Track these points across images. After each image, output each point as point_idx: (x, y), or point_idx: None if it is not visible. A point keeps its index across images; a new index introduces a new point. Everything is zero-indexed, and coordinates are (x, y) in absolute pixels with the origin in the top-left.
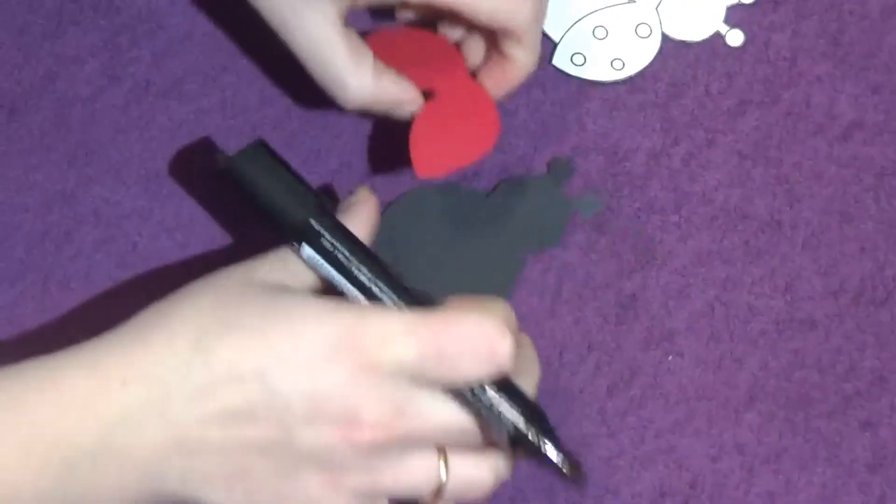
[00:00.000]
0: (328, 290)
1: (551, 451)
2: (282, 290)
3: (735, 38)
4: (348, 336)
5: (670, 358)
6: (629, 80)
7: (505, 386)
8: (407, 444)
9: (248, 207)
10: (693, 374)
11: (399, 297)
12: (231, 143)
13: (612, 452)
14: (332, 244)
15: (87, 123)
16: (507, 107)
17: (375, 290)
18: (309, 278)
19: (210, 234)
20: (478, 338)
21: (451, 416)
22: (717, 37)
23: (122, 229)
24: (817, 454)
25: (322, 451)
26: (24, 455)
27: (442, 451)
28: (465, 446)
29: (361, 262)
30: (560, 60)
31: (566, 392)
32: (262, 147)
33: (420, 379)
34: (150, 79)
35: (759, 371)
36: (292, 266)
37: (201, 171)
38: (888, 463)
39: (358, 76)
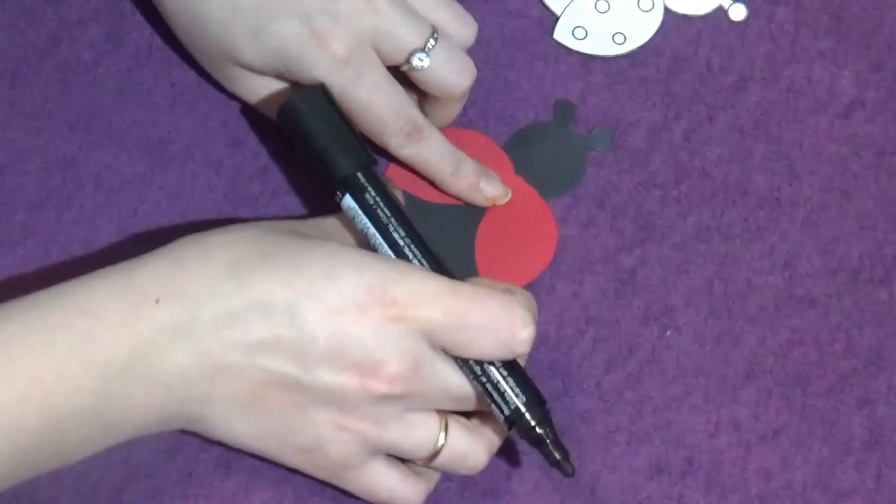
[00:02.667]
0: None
1: (547, 438)
2: (324, 233)
3: (738, 12)
4: (382, 287)
5: (668, 333)
6: (630, 55)
7: (512, 367)
8: (416, 402)
9: (297, 149)
10: (691, 349)
11: (429, 263)
12: (233, 110)
13: (609, 428)
14: (375, 200)
15: (90, 88)
16: (508, 79)
17: (408, 252)
18: (343, 242)
19: (211, 200)
20: (503, 319)
21: (462, 386)
22: (720, 11)
23: (124, 195)
24: (814, 431)
25: (337, 392)
26: (60, 373)
27: (444, 418)
28: (465, 421)
29: (399, 223)
30: (561, 34)
31: (564, 366)
32: (320, 92)
33: (439, 344)
34: (153, 44)
35: (756, 348)
36: (327, 228)
37: (203, 137)
38: (885, 441)
39: None
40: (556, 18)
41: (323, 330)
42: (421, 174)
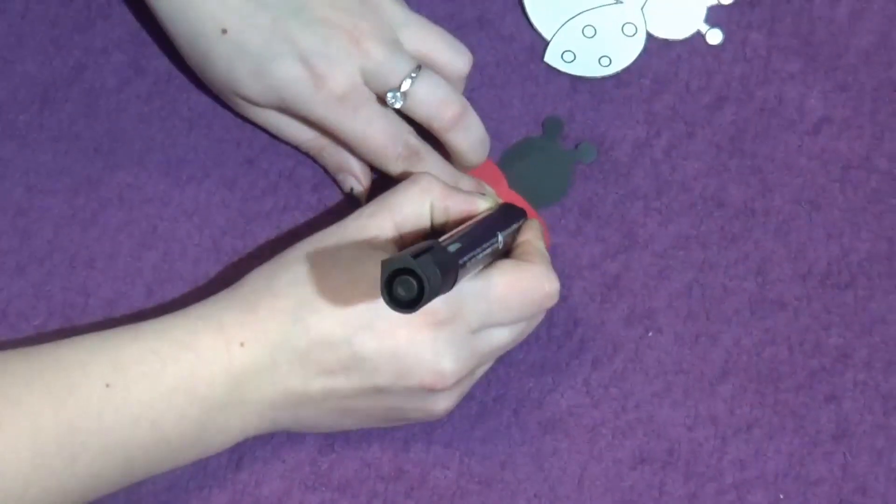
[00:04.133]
0: (408, 238)
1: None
2: (366, 253)
3: (714, 37)
4: None
5: (650, 334)
6: (615, 76)
7: (502, 225)
8: (481, 365)
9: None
10: (671, 349)
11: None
12: (246, 132)
13: (595, 421)
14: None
15: (113, 113)
16: (502, 99)
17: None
18: (392, 230)
19: (226, 216)
20: (535, 289)
21: (510, 337)
22: (699, 36)
23: (144, 212)
24: (785, 425)
25: (413, 395)
26: (169, 402)
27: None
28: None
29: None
30: (552, 58)
31: (553, 364)
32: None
33: (483, 326)
34: (171, 71)
35: (732, 347)
36: (379, 221)
37: (218, 157)
38: (850, 433)
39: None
40: (547, 43)
41: (382, 357)
42: None
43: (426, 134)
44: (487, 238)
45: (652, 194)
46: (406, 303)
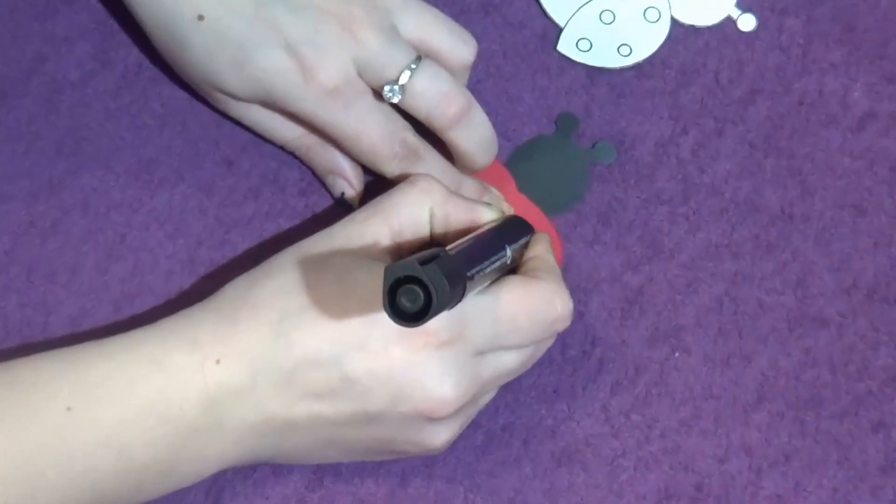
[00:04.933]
0: (405, 248)
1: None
2: (359, 263)
3: (747, 22)
4: None
5: (677, 355)
6: (637, 67)
7: (511, 238)
8: (484, 392)
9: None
10: (700, 371)
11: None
12: (225, 130)
13: (615, 452)
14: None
15: (77, 109)
16: (510, 93)
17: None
18: (387, 237)
19: (202, 223)
20: (546, 309)
21: (517, 361)
22: (729, 21)
23: (111, 220)
24: (828, 456)
25: (409, 424)
26: (139, 425)
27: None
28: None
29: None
30: (565, 46)
31: (568, 389)
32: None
33: (489, 349)
34: (141, 63)
35: (768, 369)
36: (374, 227)
37: (194, 158)
38: None
39: None
40: (560, 30)
41: (375, 379)
42: None
43: (426, 132)
44: (495, 250)
45: (678, 198)
46: (410, 315)
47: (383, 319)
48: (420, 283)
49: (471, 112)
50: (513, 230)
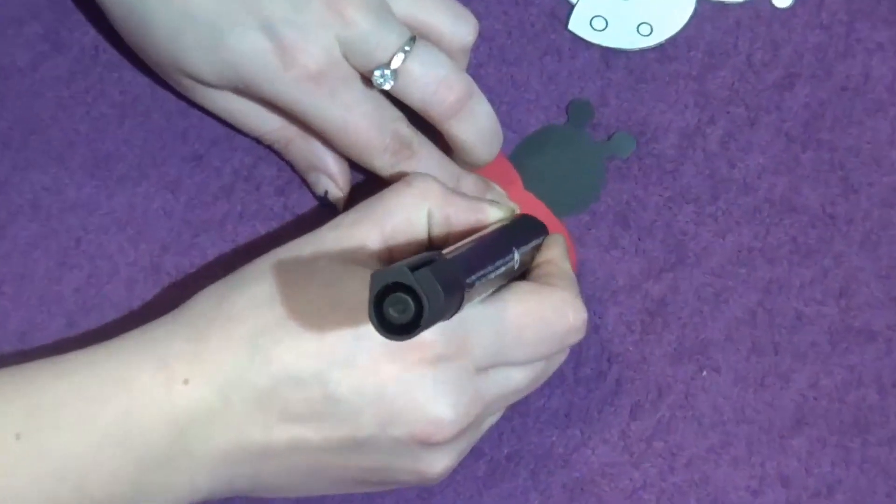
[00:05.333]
0: (399, 254)
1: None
2: (346, 270)
3: None
4: None
5: (704, 373)
6: (658, 48)
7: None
8: (488, 414)
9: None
10: (731, 392)
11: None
12: (193, 120)
13: (635, 484)
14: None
15: (26, 98)
16: (516, 78)
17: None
18: (379, 243)
19: (168, 226)
20: (558, 320)
21: (523, 380)
22: None
23: (65, 223)
24: (875, 486)
25: (402, 450)
26: (98, 456)
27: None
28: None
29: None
30: (578, 25)
31: (583, 412)
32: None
33: (492, 365)
34: (98, 45)
35: (808, 389)
36: (363, 231)
37: (158, 152)
38: None
39: None
40: (572, 6)
41: (363, 399)
42: None
43: (421, 123)
44: (501, 254)
45: (705, 197)
46: (399, 327)
47: (372, 333)
48: (410, 291)
49: (471, 100)
50: (523, 231)
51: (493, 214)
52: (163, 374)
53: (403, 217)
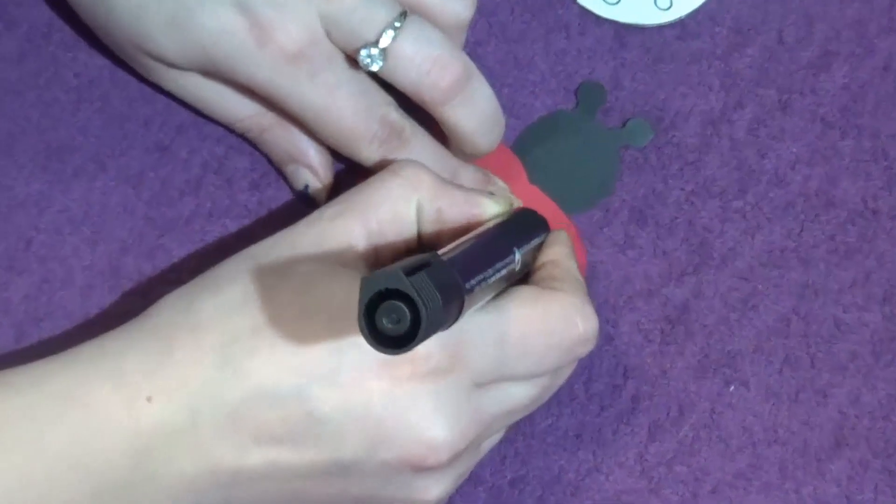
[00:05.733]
0: (385, 253)
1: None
2: (328, 272)
3: None
4: None
5: (732, 388)
6: (679, 24)
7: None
8: (489, 433)
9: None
10: (761, 410)
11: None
12: (157, 107)
13: None
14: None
15: None
16: (519, 57)
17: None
18: (363, 240)
19: (129, 225)
20: (565, 329)
21: (526, 396)
22: None
23: (13, 222)
24: None
25: (392, 476)
26: (54, 480)
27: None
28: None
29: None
30: None
31: (595, 433)
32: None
33: (493, 380)
34: (53, 23)
35: (848, 406)
36: (346, 226)
37: (118, 143)
38: None
39: None
40: None
41: (348, 418)
42: None
43: (415, 109)
44: (501, 255)
45: (732, 190)
46: (393, 339)
47: (358, 343)
48: (406, 299)
49: (469, 82)
50: (523, 228)
51: (490, 208)
52: (122, 390)
53: (390, 210)
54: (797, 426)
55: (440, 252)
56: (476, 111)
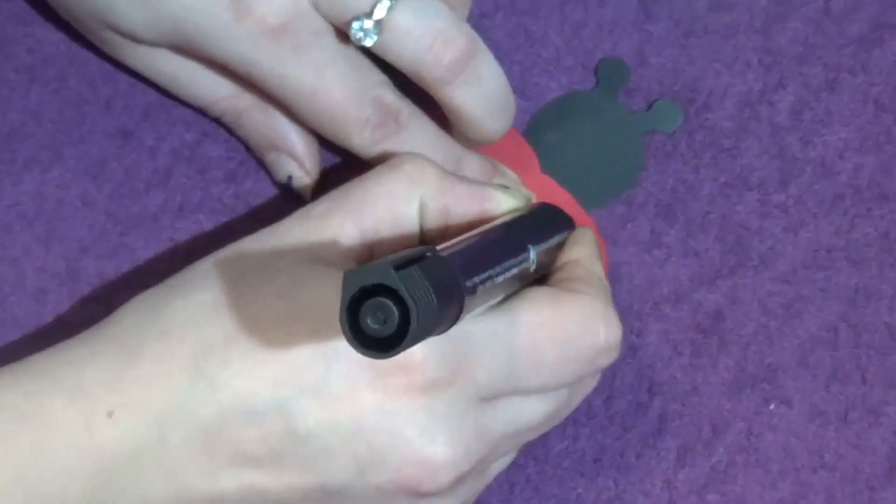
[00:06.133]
0: (382, 250)
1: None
2: (314, 273)
3: None
4: None
5: (772, 407)
6: None
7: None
8: (496, 455)
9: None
10: (805, 431)
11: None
12: (120, 87)
13: None
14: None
15: None
16: (531, 31)
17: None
18: (356, 240)
19: (88, 221)
20: (585, 336)
21: (536, 414)
22: None
23: None
24: None
25: (385, 501)
26: None
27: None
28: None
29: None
30: None
31: (616, 456)
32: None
33: (499, 394)
34: None
35: None
36: (337, 224)
37: (75, 128)
38: None
39: None
40: None
41: (335, 436)
42: None
43: (413, 90)
44: (513, 252)
45: (772, 182)
46: (378, 341)
47: (347, 351)
48: (394, 295)
49: (475, 59)
50: (541, 224)
51: (504, 203)
52: (80, 404)
53: (388, 208)
54: (846, 449)
55: (441, 247)
56: (482, 92)
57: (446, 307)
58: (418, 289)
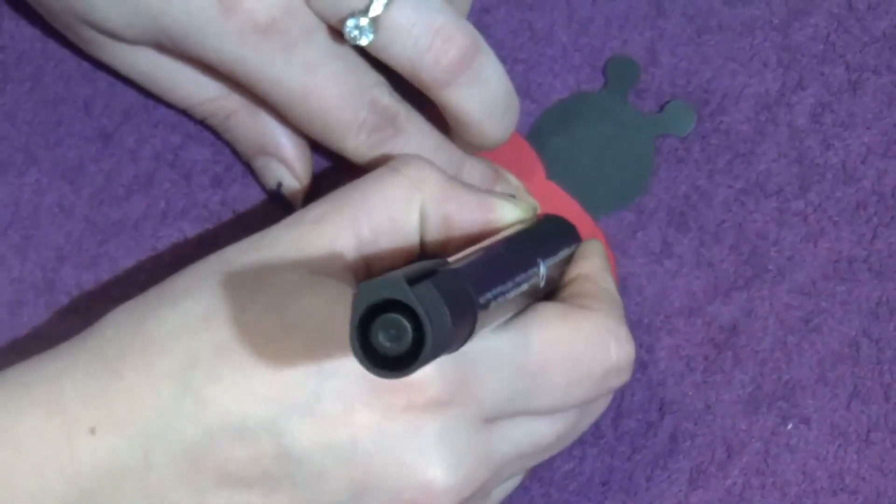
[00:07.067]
0: (379, 264)
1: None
2: (308, 282)
3: None
4: None
5: (790, 427)
6: None
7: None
8: (502, 478)
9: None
10: (825, 451)
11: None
12: (100, 86)
13: None
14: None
15: None
16: (535, 27)
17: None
18: (352, 248)
19: (65, 228)
20: (596, 355)
21: (544, 434)
22: None
23: None
24: None
25: None
26: None
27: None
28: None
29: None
30: None
31: (625, 479)
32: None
33: (504, 415)
34: None
35: None
36: (332, 231)
37: (52, 130)
38: None
39: None
40: None
41: (330, 457)
42: None
43: (411, 91)
44: (522, 266)
45: (791, 188)
46: (392, 360)
47: (343, 367)
48: (408, 312)
49: (476, 58)
50: (549, 237)
51: (509, 214)
52: (59, 420)
53: (387, 214)
54: (868, 471)
55: (450, 259)
56: (484, 94)
57: (460, 324)
58: (432, 305)
